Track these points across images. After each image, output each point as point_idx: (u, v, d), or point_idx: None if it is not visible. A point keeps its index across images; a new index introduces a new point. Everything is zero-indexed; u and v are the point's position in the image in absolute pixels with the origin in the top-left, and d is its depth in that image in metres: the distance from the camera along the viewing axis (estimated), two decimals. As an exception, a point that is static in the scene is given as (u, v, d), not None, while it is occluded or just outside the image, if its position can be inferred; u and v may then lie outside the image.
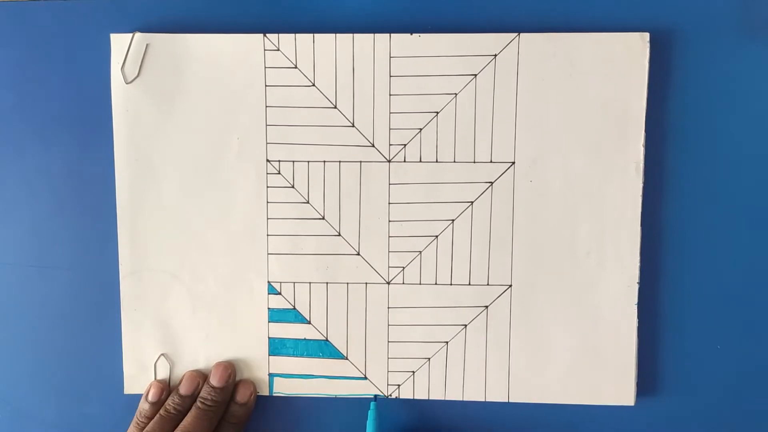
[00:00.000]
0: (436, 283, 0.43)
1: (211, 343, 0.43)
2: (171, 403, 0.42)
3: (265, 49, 0.42)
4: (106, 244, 0.43)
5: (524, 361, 0.42)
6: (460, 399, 0.43)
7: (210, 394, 0.42)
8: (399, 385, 0.43)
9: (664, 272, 0.42)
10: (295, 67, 0.42)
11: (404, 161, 0.42)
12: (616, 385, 0.42)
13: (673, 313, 0.42)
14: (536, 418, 0.43)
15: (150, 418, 0.42)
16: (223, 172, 0.42)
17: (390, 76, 0.42)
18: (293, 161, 0.42)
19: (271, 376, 0.43)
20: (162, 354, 0.43)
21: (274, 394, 0.44)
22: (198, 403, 0.42)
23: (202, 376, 0.43)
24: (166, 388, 0.43)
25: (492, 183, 0.42)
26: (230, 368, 0.43)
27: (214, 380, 0.42)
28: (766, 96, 0.41)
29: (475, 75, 0.41)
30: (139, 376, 0.43)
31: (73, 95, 0.43)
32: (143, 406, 0.43)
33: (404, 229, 0.42)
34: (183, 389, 0.42)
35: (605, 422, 0.43)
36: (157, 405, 0.42)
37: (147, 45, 0.42)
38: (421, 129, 0.42)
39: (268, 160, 0.42)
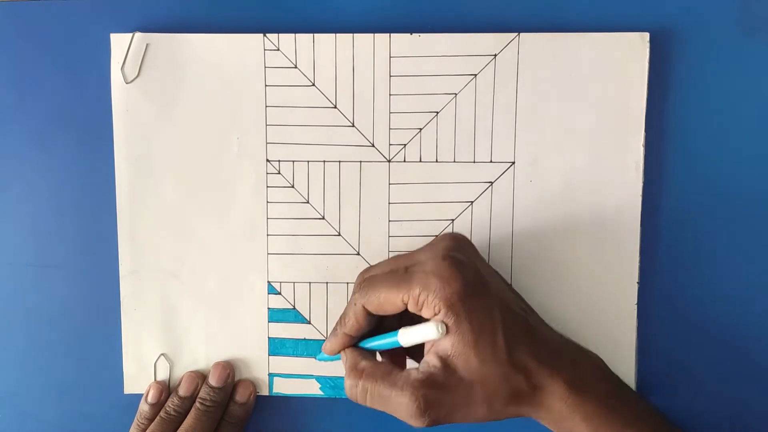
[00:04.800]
0: (436, 283, 0.42)
1: (211, 343, 0.43)
2: (171, 404, 0.42)
3: (265, 49, 0.42)
4: (106, 244, 0.43)
5: (524, 361, 0.42)
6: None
7: (209, 394, 0.42)
8: (399, 385, 0.43)
9: (664, 272, 0.42)
10: (295, 67, 0.42)
11: (404, 161, 0.42)
12: (616, 385, 0.42)
13: (673, 313, 0.42)
14: (536, 418, 0.43)
15: (150, 420, 0.42)
16: (223, 172, 0.43)
17: (390, 76, 0.42)
18: (293, 161, 0.42)
19: (271, 375, 0.43)
20: (162, 354, 0.43)
21: (274, 394, 0.44)
22: (197, 404, 0.42)
23: (201, 377, 0.43)
24: (166, 389, 0.43)
25: (492, 183, 0.42)
26: (229, 368, 0.43)
27: (213, 380, 0.42)
28: (766, 96, 0.41)
29: (475, 75, 0.41)
30: (139, 376, 0.43)
31: (73, 95, 0.43)
32: (143, 408, 0.43)
33: (404, 229, 0.42)
34: (182, 390, 0.42)
35: (605, 422, 0.43)
36: (157, 406, 0.42)
37: (147, 45, 0.42)
38: (421, 129, 0.42)
39: (268, 160, 0.42)
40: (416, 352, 0.37)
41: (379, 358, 0.38)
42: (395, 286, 0.34)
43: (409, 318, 0.36)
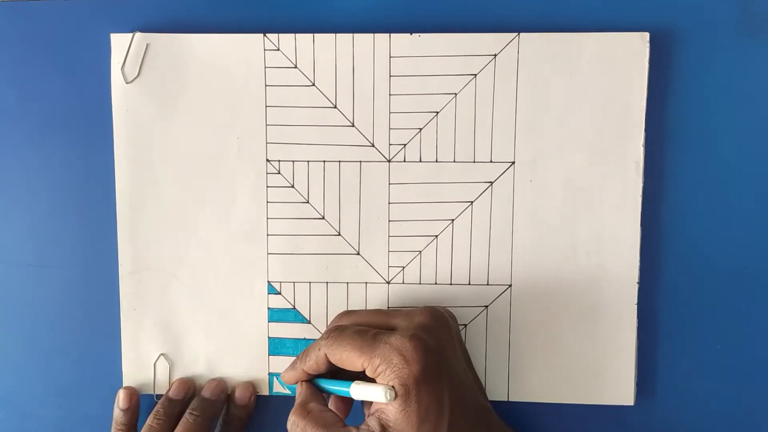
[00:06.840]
0: (435, 283, 0.43)
1: (211, 342, 0.43)
2: (160, 406, 0.42)
3: (265, 49, 0.42)
4: (106, 244, 0.43)
5: (524, 361, 0.42)
6: (460, 399, 0.43)
7: (200, 404, 0.42)
8: (399, 385, 0.43)
9: (664, 272, 0.42)
10: (295, 67, 0.42)
11: (404, 161, 0.42)
12: (615, 385, 0.42)
13: (673, 313, 0.42)
14: (536, 418, 0.43)
15: (125, 425, 0.42)
16: (223, 172, 0.43)
17: (390, 76, 0.42)
18: (293, 161, 0.42)
19: (271, 375, 0.43)
20: (162, 354, 0.43)
21: (274, 394, 0.44)
22: (186, 416, 0.42)
23: (193, 384, 0.43)
24: (136, 393, 0.43)
25: (492, 183, 0.42)
26: (223, 384, 0.43)
27: (207, 392, 0.42)
28: (766, 96, 0.41)
29: (475, 75, 0.41)
30: (139, 376, 0.43)
31: (73, 95, 0.43)
32: (116, 413, 0.42)
33: (404, 228, 0.42)
34: (173, 393, 0.42)
35: (605, 422, 0.43)
36: (129, 411, 0.42)
37: (147, 45, 0.42)
38: (421, 129, 0.42)
39: (268, 160, 0.42)
40: (368, 402, 0.38)
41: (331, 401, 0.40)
42: (358, 349, 0.35)
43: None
